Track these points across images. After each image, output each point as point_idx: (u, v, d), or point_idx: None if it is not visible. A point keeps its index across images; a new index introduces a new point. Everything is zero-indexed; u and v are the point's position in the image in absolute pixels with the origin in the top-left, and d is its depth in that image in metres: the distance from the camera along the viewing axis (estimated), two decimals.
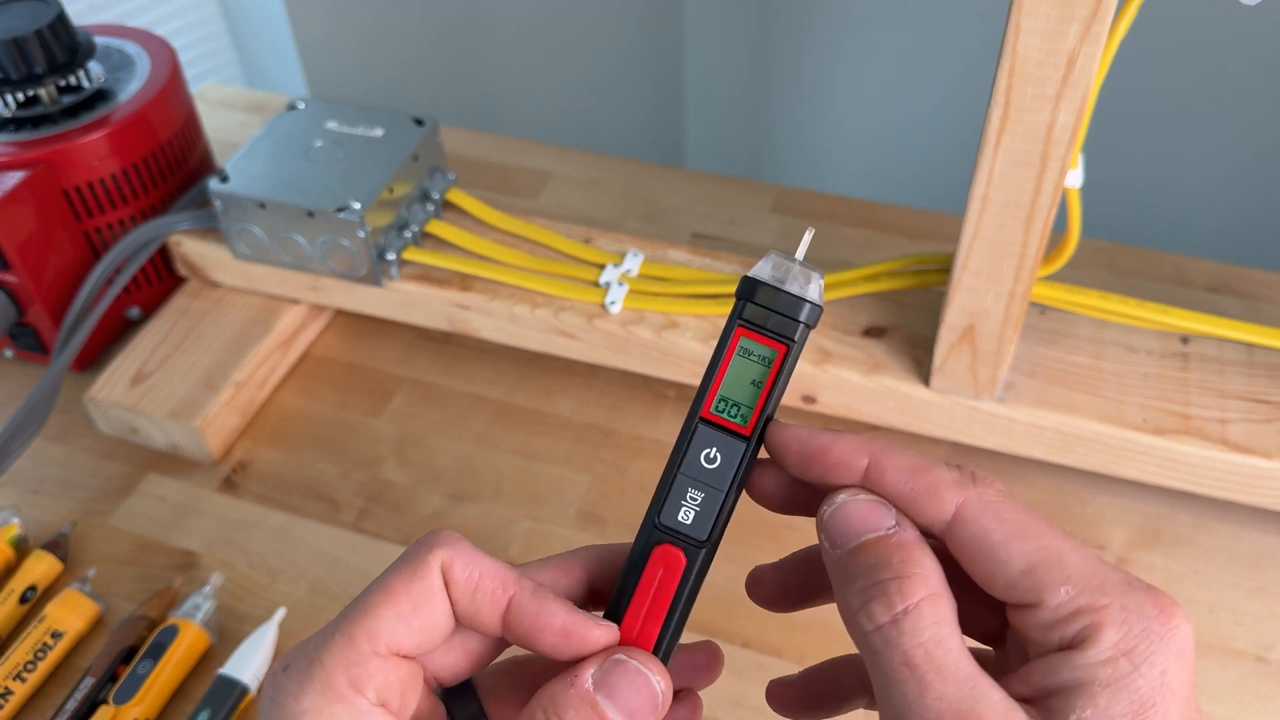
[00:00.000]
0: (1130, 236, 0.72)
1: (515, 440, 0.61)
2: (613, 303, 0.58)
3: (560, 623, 0.28)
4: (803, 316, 0.28)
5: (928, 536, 0.27)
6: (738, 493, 0.29)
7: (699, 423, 0.29)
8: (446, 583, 0.28)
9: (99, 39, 0.67)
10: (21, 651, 0.50)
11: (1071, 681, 0.24)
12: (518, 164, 0.77)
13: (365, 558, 0.56)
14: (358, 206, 0.58)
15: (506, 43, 1.03)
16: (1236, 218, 0.88)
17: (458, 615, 0.28)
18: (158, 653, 0.50)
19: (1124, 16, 0.42)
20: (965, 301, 0.50)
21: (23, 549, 0.55)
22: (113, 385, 0.61)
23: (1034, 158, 0.44)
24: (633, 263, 0.60)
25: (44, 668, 0.50)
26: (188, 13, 1.11)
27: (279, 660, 0.28)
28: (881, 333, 0.57)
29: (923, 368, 0.55)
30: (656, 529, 0.29)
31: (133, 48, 0.67)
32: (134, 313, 0.67)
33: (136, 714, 0.48)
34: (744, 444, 0.29)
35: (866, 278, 0.58)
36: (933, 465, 0.27)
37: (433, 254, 0.61)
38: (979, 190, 0.46)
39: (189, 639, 0.50)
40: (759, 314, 0.28)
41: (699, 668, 0.31)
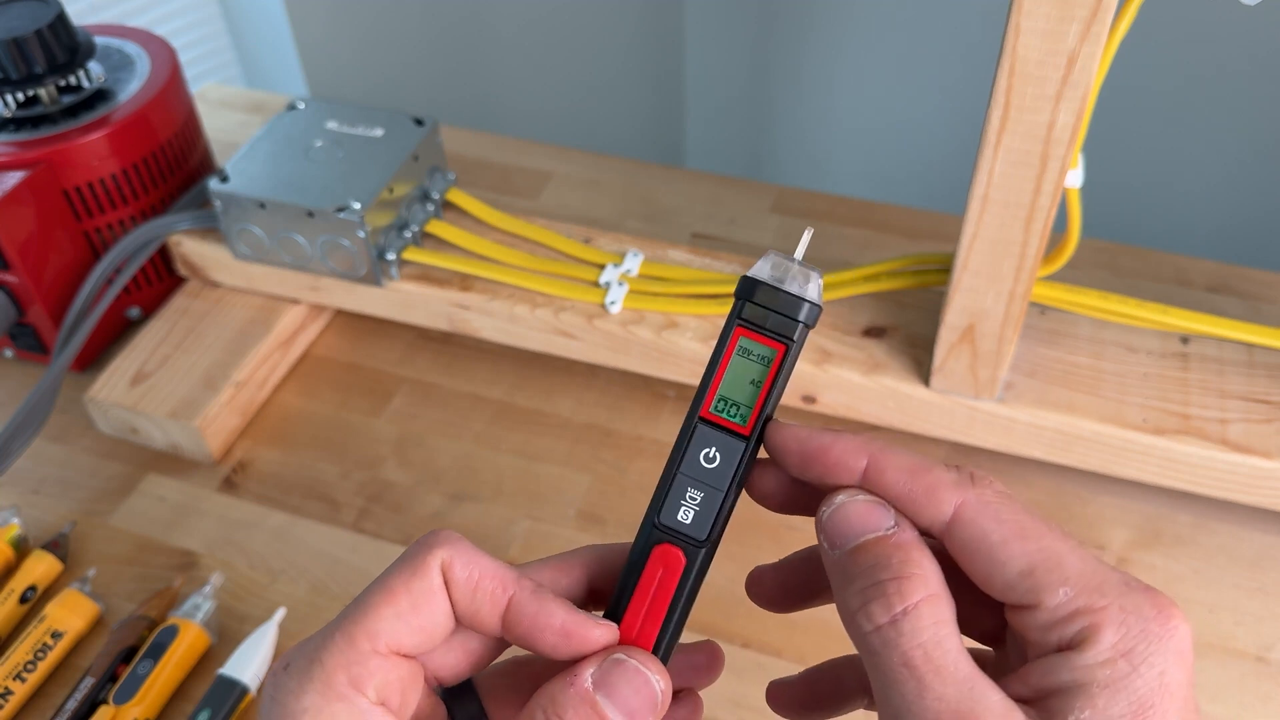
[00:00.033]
0: (1130, 236, 0.72)
1: (515, 440, 0.61)
2: (613, 303, 0.58)
3: (560, 622, 0.28)
4: (802, 316, 0.28)
5: (927, 537, 0.27)
6: (737, 492, 0.29)
7: (698, 422, 0.29)
8: (446, 582, 0.28)
9: (99, 39, 0.67)
10: (21, 651, 0.50)
11: (1070, 682, 0.24)
12: (518, 164, 0.77)
13: (365, 558, 0.56)
14: (358, 206, 0.58)
15: (506, 43, 1.03)
16: (1236, 218, 0.88)
17: (457, 615, 0.28)
18: (158, 653, 0.50)
19: (1124, 16, 0.42)
20: (965, 301, 0.50)
21: (23, 549, 0.55)
22: (113, 385, 0.61)
23: (1034, 158, 0.44)
24: (633, 263, 0.60)
25: (44, 668, 0.50)
26: (188, 13, 1.11)
27: (280, 659, 0.28)
28: (881, 333, 0.57)
29: (923, 368, 0.55)
30: (656, 529, 0.29)
31: (133, 48, 0.67)
32: (134, 313, 0.67)
33: (136, 714, 0.48)
34: (743, 444, 0.29)
35: (866, 278, 0.58)
36: (932, 466, 0.27)
37: (433, 254, 0.61)
38: (979, 190, 0.46)
39: (189, 639, 0.50)
40: (758, 314, 0.28)
41: (699, 667, 0.31)
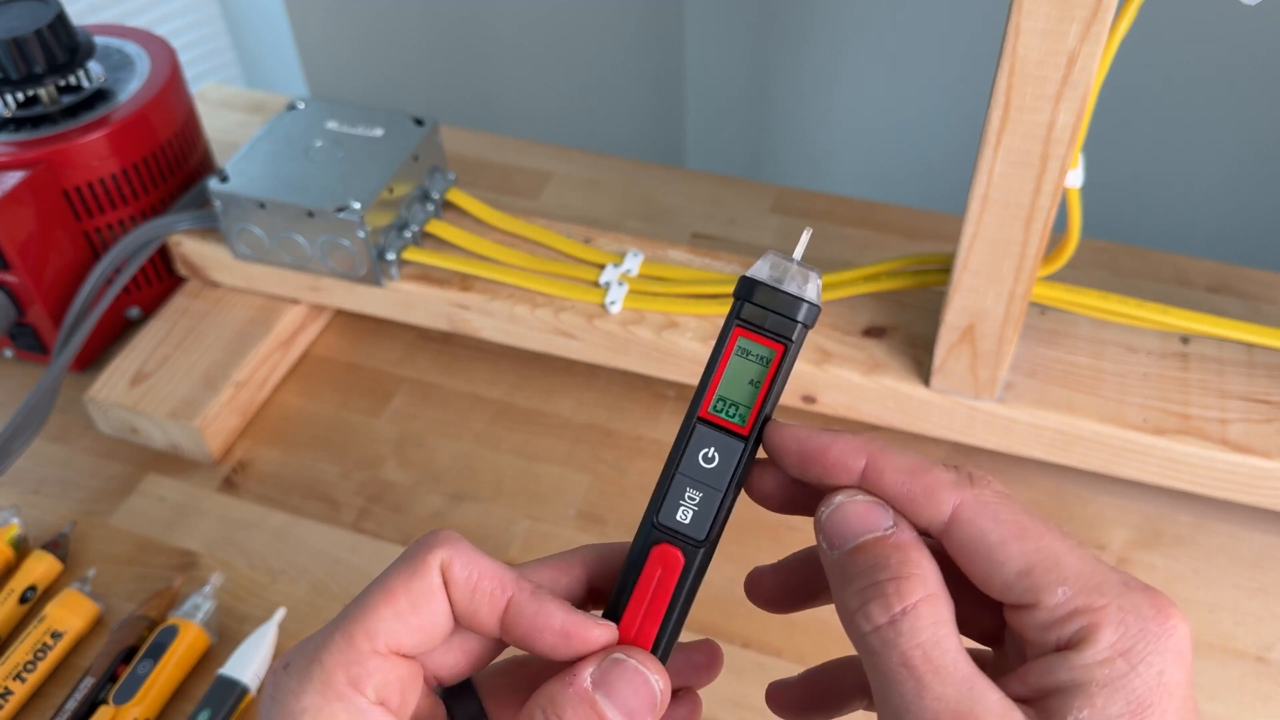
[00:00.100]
0: (1130, 236, 0.72)
1: (515, 440, 0.61)
2: (613, 303, 0.58)
3: (559, 623, 0.28)
4: (800, 316, 0.28)
5: (925, 537, 0.27)
6: (736, 492, 0.29)
7: (697, 422, 0.29)
8: (446, 582, 0.28)
9: (99, 39, 0.67)
10: (21, 651, 0.50)
11: (1069, 682, 0.24)
12: (518, 164, 0.77)
13: (365, 558, 0.56)
14: (358, 206, 0.58)
15: (506, 43, 1.03)
16: (1236, 218, 0.88)
17: (456, 615, 0.28)
18: (158, 653, 0.50)
19: (1124, 16, 0.42)
20: (965, 301, 0.50)
21: (23, 549, 0.55)
22: (113, 385, 0.61)
23: (1034, 158, 0.44)
24: (633, 263, 0.60)
25: (44, 668, 0.50)
26: (188, 13, 1.11)
27: (279, 659, 0.28)
28: (881, 333, 0.57)
29: (923, 368, 0.55)
30: (655, 528, 0.29)
31: (133, 48, 0.67)
32: (134, 313, 0.67)
33: (136, 714, 0.48)
34: (742, 444, 0.29)
35: (866, 278, 0.58)
36: (930, 466, 0.27)
37: (433, 254, 0.61)
38: (979, 190, 0.46)
39: (189, 639, 0.50)
40: (757, 314, 0.28)
41: (698, 666, 0.31)
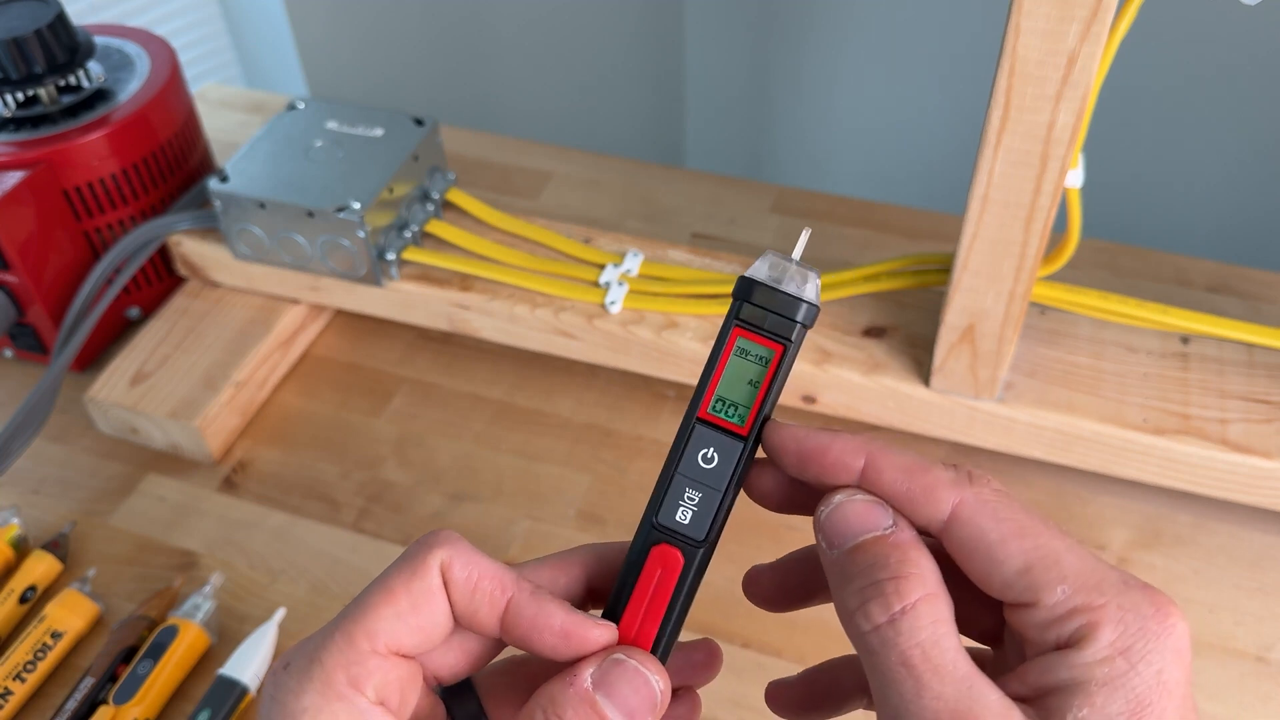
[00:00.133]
0: (1130, 236, 0.72)
1: (515, 440, 0.61)
2: (613, 303, 0.58)
3: (559, 624, 0.28)
4: (799, 316, 0.28)
5: (925, 536, 0.27)
6: (735, 492, 0.29)
7: (696, 423, 0.29)
8: (446, 583, 0.28)
9: (99, 39, 0.67)
10: (21, 651, 0.50)
11: (1068, 681, 0.24)
12: (518, 164, 0.77)
13: (365, 558, 0.56)
14: (358, 206, 0.58)
15: (506, 43, 1.03)
16: (1236, 218, 0.88)
17: (456, 615, 0.28)
18: (158, 653, 0.50)
19: (1124, 16, 0.42)
20: (965, 301, 0.50)
21: (23, 549, 0.55)
22: (113, 385, 0.61)
23: (1034, 158, 0.44)
24: (633, 263, 0.60)
25: (44, 668, 0.50)
26: (188, 13, 1.11)
27: (279, 658, 0.28)
28: (881, 333, 0.57)
29: (923, 368, 0.55)
30: (654, 529, 0.29)
31: (133, 48, 0.67)
32: (134, 313, 0.67)
33: (136, 714, 0.48)
34: (741, 444, 0.29)
35: (866, 278, 0.58)
36: (929, 465, 0.27)
37: (433, 254, 0.61)
38: (979, 190, 0.46)
39: (189, 639, 0.50)
40: (756, 314, 0.28)
41: (697, 666, 0.31)
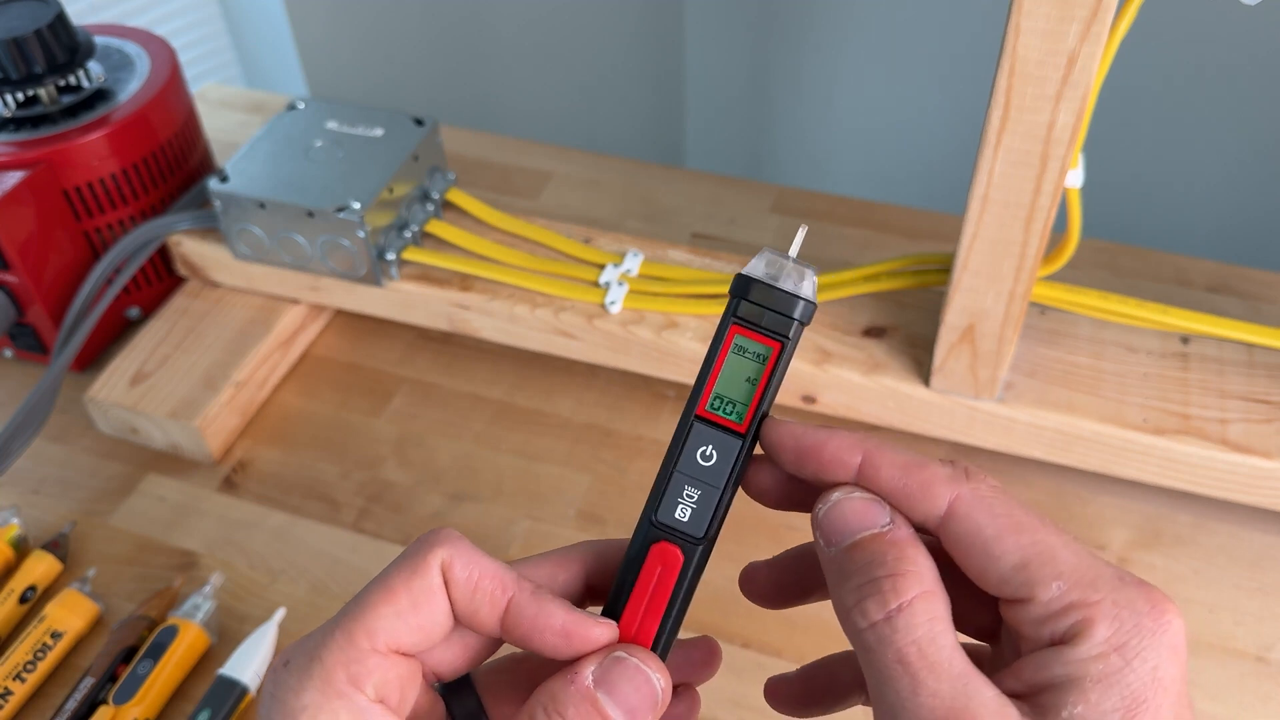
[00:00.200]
0: (1130, 236, 0.72)
1: (515, 440, 0.61)
2: (613, 303, 0.58)
3: (560, 623, 0.28)
4: (797, 314, 0.28)
5: (921, 532, 0.27)
6: (734, 490, 0.29)
7: (694, 420, 0.29)
8: (446, 582, 0.28)
9: (99, 39, 0.67)
10: (21, 651, 0.50)
11: (1063, 677, 0.24)
12: (518, 164, 0.77)
13: (365, 558, 0.56)
14: (358, 206, 0.58)
15: (506, 43, 1.03)
16: (1236, 218, 0.88)
17: (456, 614, 0.28)
18: (157, 653, 0.50)
19: (1124, 16, 0.42)
20: (965, 301, 0.50)
21: (23, 549, 0.55)
22: (113, 385, 0.61)
23: (1034, 158, 0.44)
24: (633, 263, 0.60)
25: (44, 668, 0.50)
26: (188, 13, 1.11)
27: (279, 656, 0.28)
28: (881, 333, 0.57)
29: (923, 368, 0.55)
30: (654, 526, 0.29)
31: (133, 48, 0.67)
32: (134, 313, 0.67)
33: (136, 714, 0.48)
34: (739, 441, 0.29)
35: (866, 278, 0.58)
36: (926, 462, 0.27)
37: (433, 254, 0.61)
38: (979, 190, 0.46)
39: (189, 639, 0.50)
40: (753, 311, 0.28)
41: (697, 663, 0.31)
